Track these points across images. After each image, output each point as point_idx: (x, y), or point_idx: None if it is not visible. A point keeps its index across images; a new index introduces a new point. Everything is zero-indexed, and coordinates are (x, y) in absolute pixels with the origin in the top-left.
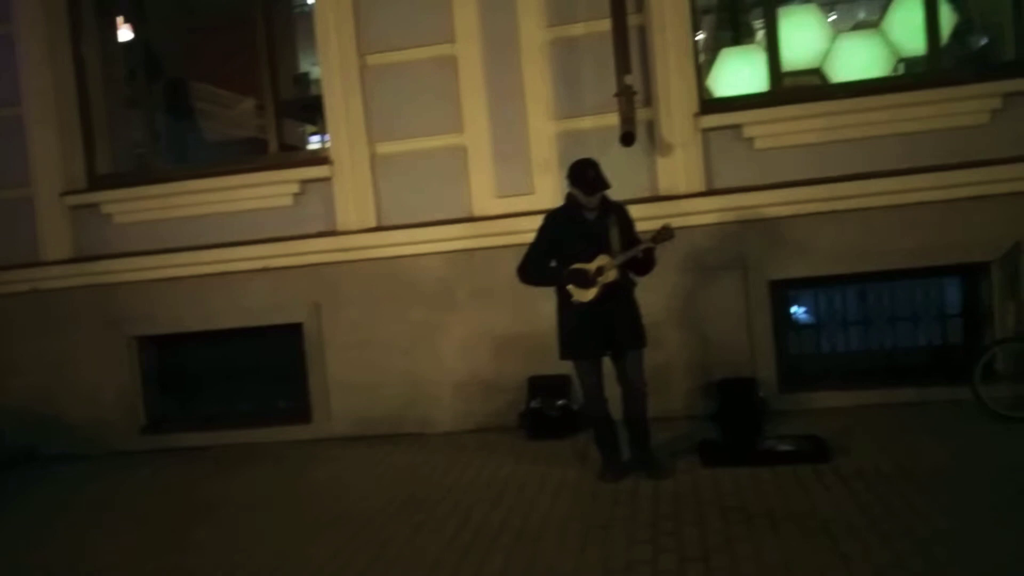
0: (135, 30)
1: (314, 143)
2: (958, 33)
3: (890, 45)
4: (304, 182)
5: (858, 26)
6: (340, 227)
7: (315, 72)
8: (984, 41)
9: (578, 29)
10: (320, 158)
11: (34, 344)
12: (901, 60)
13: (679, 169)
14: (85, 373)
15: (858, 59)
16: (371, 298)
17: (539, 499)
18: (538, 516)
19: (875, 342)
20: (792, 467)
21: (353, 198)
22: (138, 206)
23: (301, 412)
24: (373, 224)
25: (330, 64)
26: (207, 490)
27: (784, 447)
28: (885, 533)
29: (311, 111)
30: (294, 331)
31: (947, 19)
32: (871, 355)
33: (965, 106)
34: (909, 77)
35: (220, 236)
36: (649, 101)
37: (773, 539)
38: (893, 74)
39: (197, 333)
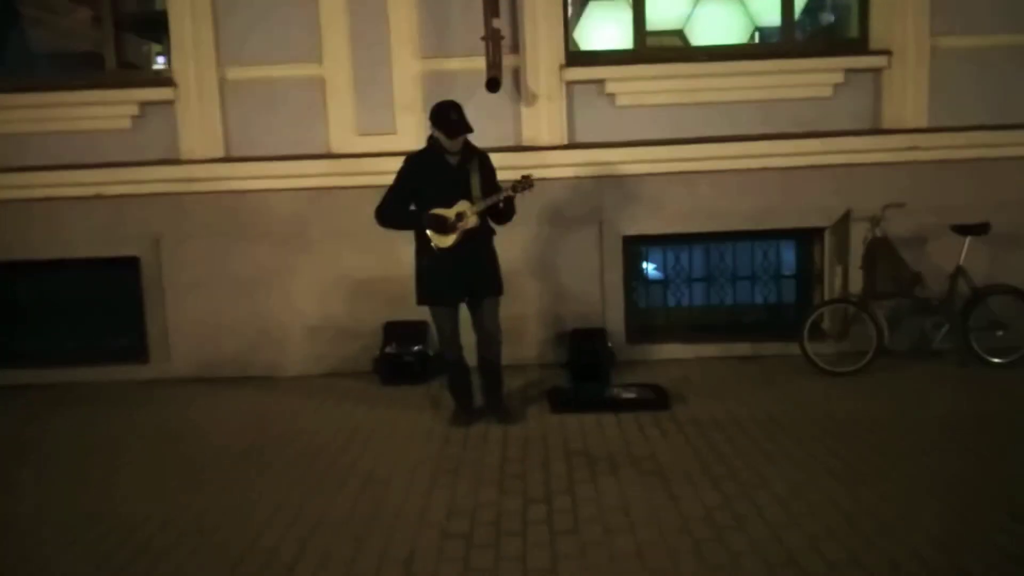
0: None
1: (161, 64)
2: (810, 9)
3: (748, 15)
4: (144, 104)
5: None
6: (184, 155)
7: None
8: (832, 19)
9: None
10: (163, 79)
11: None
12: (757, 29)
13: (542, 120)
14: None
15: (718, 25)
16: (217, 233)
17: (389, 444)
18: (387, 460)
19: (717, 298)
20: (635, 414)
21: (199, 125)
22: None
23: (138, 351)
24: (221, 154)
25: None
26: (29, 432)
27: (628, 395)
28: (714, 477)
29: (156, 29)
30: (131, 265)
31: None
32: (713, 311)
33: (812, 78)
34: (763, 46)
35: (49, 158)
36: (517, 48)
37: (612, 482)
38: (749, 43)
39: (21, 263)
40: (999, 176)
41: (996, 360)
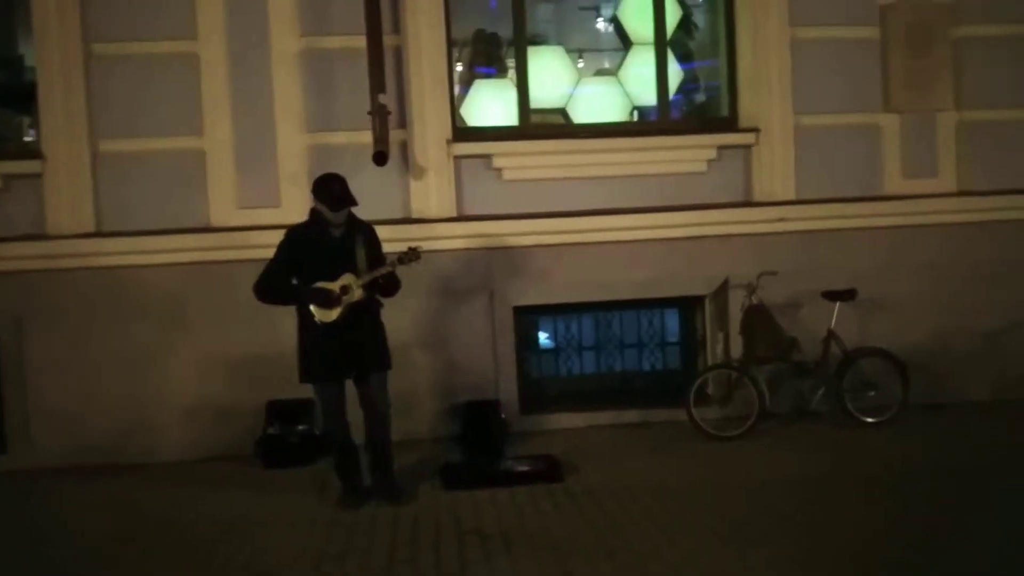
0: None
1: (33, 136)
2: (684, 89)
3: (627, 94)
4: (8, 177)
5: (600, 73)
6: (51, 230)
7: (31, 57)
8: (705, 98)
9: (333, 42)
10: (30, 151)
11: None
12: (636, 108)
13: (431, 193)
14: None
15: (599, 103)
16: (87, 313)
17: (271, 532)
18: (269, 550)
19: (606, 366)
20: (528, 487)
21: (68, 198)
22: None
23: None
24: (91, 229)
25: (47, 50)
26: None
27: (521, 468)
28: (608, 548)
29: (25, 100)
30: None
31: (675, 74)
32: (602, 378)
33: (687, 154)
34: (641, 124)
35: None
36: (404, 123)
37: (506, 560)
38: (628, 120)
39: None
40: (862, 245)
41: (869, 419)
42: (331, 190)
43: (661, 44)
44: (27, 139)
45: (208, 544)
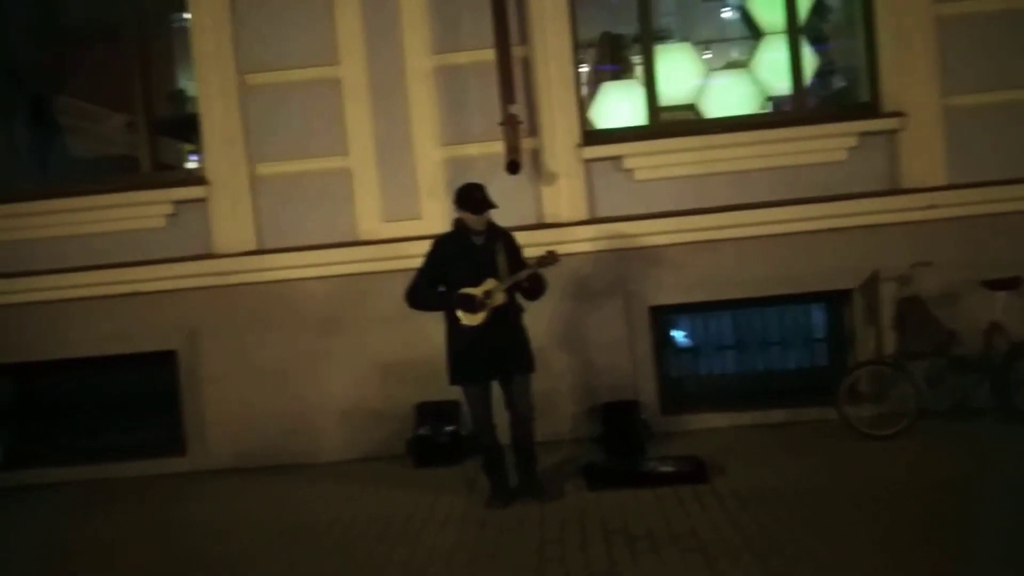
0: None
1: (194, 163)
2: (820, 75)
3: (759, 84)
4: (178, 203)
5: (730, 65)
6: (217, 250)
7: (193, 89)
8: (843, 84)
9: (464, 57)
10: (196, 178)
11: None
12: (769, 98)
13: (562, 197)
14: None
15: (730, 96)
16: (251, 324)
17: (425, 530)
18: (424, 548)
19: (749, 365)
20: (673, 488)
21: (231, 220)
22: None
23: (175, 444)
24: (253, 247)
25: (207, 82)
26: (67, 532)
27: (665, 468)
28: (758, 551)
29: (189, 129)
30: (168, 359)
31: (810, 62)
32: (745, 378)
33: (826, 143)
34: (776, 115)
35: (87, 258)
36: (534, 131)
37: (655, 560)
38: (762, 111)
39: (60, 361)
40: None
41: None
42: (473, 196)
43: (794, 30)
44: (191, 166)
45: (367, 541)
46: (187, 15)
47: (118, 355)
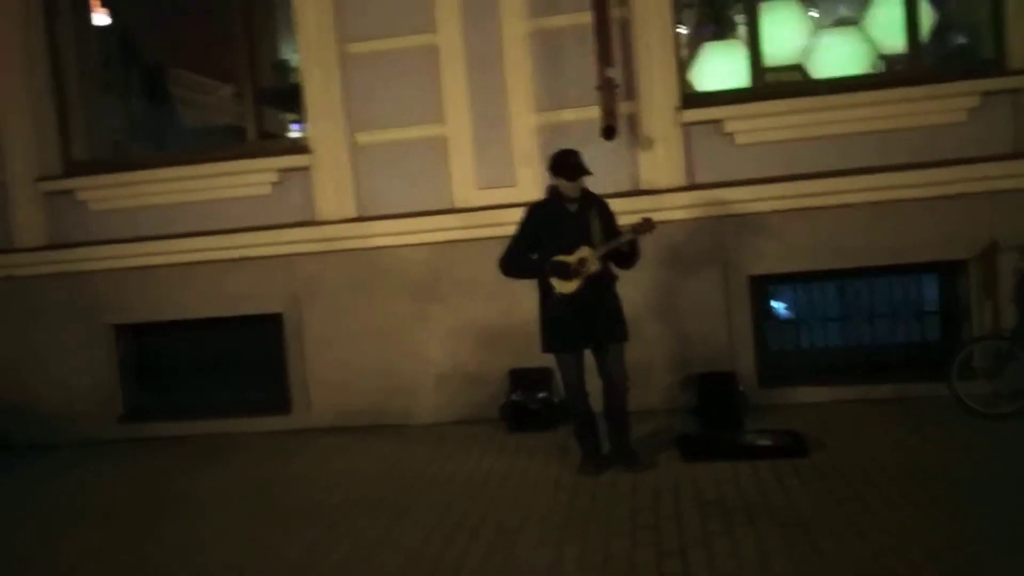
0: (111, 15)
1: (296, 132)
2: (937, 31)
3: (871, 42)
4: (283, 171)
5: (839, 22)
6: (319, 217)
7: (296, 60)
8: (963, 40)
9: (560, 20)
10: (299, 147)
11: (7, 332)
12: (881, 57)
13: (660, 163)
14: (60, 362)
15: (839, 56)
16: (351, 289)
17: (519, 493)
18: (518, 510)
19: (853, 338)
20: (771, 462)
21: (333, 188)
22: (114, 193)
23: (280, 403)
24: (353, 214)
25: (309, 52)
26: (181, 481)
27: (763, 442)
28: (861, 529)
29: (292, 99)
30: (273, 321)
31: (927, 17)
32: (849, 351)
33: (944, 104)
34: (889, 74)
35: (198, 224)
36: (631, 95)
37: (751, 534)
38: (873, 71)
39: (174, 322)
40: None
41: None
42: (568, 161)
43: None
44: (293, 135)
45: (463, 501)
46: None
47: (228, 317)
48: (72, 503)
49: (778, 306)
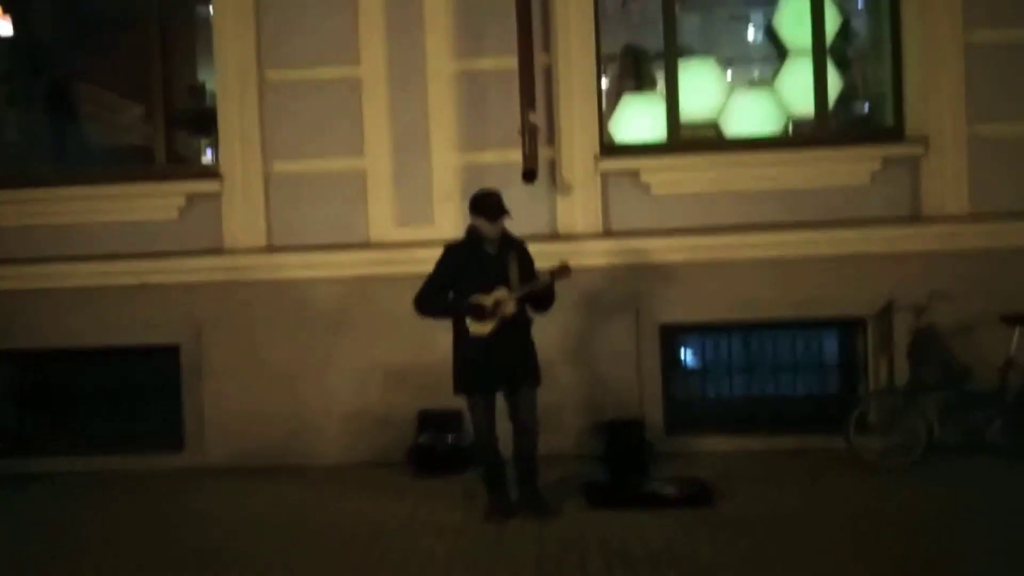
0: (16, 24)
1: (209, 157)
2: (844, 98)
3: (782, 104)
4: (191, 196)
5: (753, 84)
6: (227, 246)
7: (213, 83)
8: (867, 108)
9: (486, 63)
10: (209, 172)
11: None
12: (791, 119)
13: (577, 210)
14: None
15: (752, 115)
16: (257, 322)
17: (420, 539)
18: (418, 557)
19: (758, 389)
20: (676, 510)
21: (243, 216)
22: (11, 210)
23: (173, 439)
24: (263, 244)
25: (226, 75)
26: (62, 521)
27: (669, 490)
28: None
29: (206, 123)
30: (171, 353)
31: (834, 84)
32: (753, 402)
33: (849, 167)
34: (798, 136)
35: (98, 247)
36: (552, 140)
37: None
38: (783, 132)
39: (63, 350)
40: None
41: None
42: (488, 202)
43: (820, 52)
44: (206, 161)
45: (362, 546)
46: (210, 7)
47: (122, 346)
48: None
49: (686, 354)
